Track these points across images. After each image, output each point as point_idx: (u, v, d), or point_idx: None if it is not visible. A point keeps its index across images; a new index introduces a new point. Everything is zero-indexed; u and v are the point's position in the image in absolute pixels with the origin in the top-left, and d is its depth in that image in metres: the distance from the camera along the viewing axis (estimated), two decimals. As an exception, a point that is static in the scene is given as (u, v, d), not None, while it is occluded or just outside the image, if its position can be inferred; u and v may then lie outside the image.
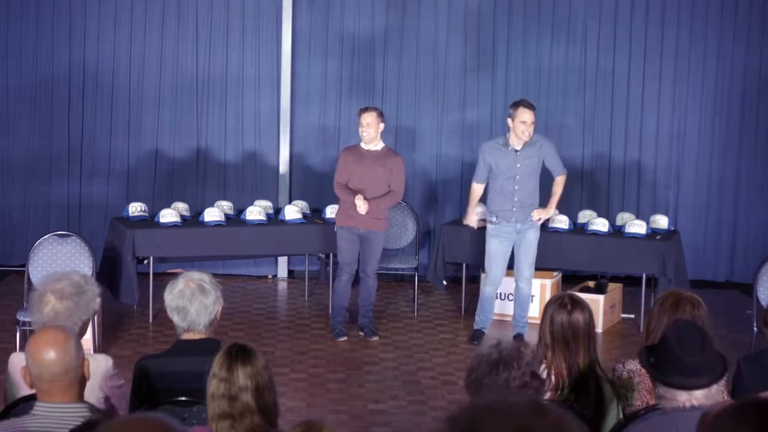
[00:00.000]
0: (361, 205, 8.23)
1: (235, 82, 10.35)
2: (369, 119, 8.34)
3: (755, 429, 2.32)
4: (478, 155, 8.54)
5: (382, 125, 8.43)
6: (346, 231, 8.42)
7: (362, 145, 8.45)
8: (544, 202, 8.52)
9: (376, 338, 8.51)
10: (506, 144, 8.27)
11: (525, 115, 8.13)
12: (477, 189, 8.46)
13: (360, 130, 8.40)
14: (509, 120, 8.26)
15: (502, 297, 9.00)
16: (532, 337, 8.17)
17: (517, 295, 8.55)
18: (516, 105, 8.26)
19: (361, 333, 8.58)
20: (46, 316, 4.13)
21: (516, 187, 8.27)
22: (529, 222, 8.35)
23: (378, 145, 8.43)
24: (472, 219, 8.69)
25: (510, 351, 3.56)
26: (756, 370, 4.59)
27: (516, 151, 8.24)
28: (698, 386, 3.53)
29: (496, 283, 8.46)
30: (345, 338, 8.50)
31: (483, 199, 8.65)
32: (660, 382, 3.58)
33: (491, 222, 8.39)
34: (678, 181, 10.47)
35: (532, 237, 8.38)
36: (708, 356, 3.58)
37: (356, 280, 8.69)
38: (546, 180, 8.56)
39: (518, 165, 8.25)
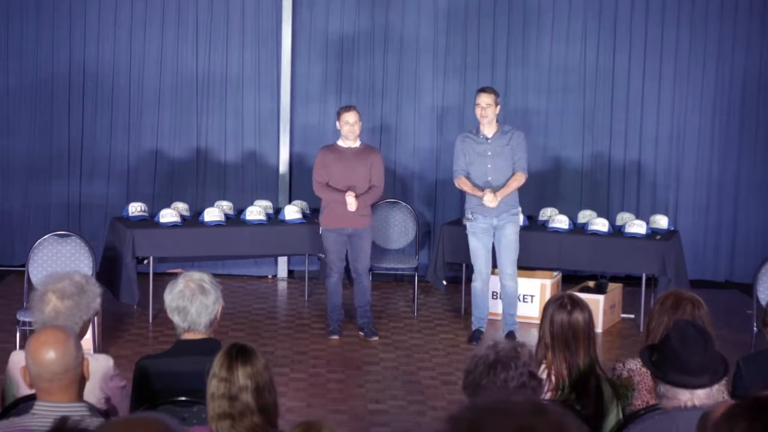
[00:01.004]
0: (352, 202, 8.23)
1: (235, 82, 10.35)
2: (354, 117, 8.38)
3: (748, 428, 2.32)
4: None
5: (361, 122, 8.47)
6: (335, 233, 8.41)
7: (341, 143, 8.47)
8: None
9: (376, 338, 8.50)
10: (477, 132, 8.36)
11: (479, 98, 8.29)
12: (463, 178, 8.34)
13: (345, 128, 8.38)
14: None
15: (495, 296, 8.93)
16: (523, 335, 8.21)
17: (503, 293, 8.50)
18: (477, 91, 8.45)
19: (361, 333, 8.57)
20: (47, 316, 4.14)
21: (489, 178, 8.27)
22: (505, 217, 8.32)
23: (357, 142, 8.46)
24: (488, 195, 8.20)
25: (507, 351, 3.56)
26: (756, 370, 4.60)
27: (487, 138, 8.30)
28: (700, 385, 3.54)
29: (482, 277, 8.41)
30: (337, 337, 8.50)
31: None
32: (662, 380, 3.59)
33: (467, 219, 8.40)
34: (678, 181, 10.47)
35: (511, 233, 8.35)
36: (709, 356, 3.58)
37: (350, 280, 8.70)
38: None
39: (489, 153, 8.28)
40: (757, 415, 2.32)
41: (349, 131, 8.38)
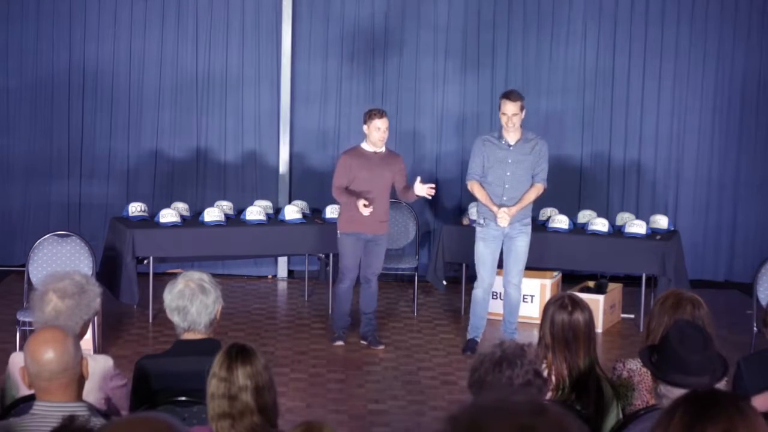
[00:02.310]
0: (366, 211, 8.01)
1: (235, 82, 10.35)
2: (386, 123, 8.13)
3: (684, 413, 2.42)
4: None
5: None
6: (353, 238, 8.19)
7: (366, 147, 8.21)
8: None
9: (381, 347, 8.33)
10: (500, 137, 8.11)
11: (505, 107, 7.99)
12: (477, 185, 8.15)
13: (375, 135, 8.10)
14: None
15: (495, 297, 8.88)
16: (523, 336, 8.19)
17: (506, 301, 8.38)
18: (501, 96, 8.15)
19: (364, 342, 8.39)
20: (48, 315, 4.14)
21: (506, 186, 8.07)
22: (517, 227, 8.16)
23: (383, 147, 8.29)
24: (501, 215, 8.06)
25: (513, 349, 3.57)
26: (756, 370, 4.59)
27: (509, 145, 8.08)
28: (700, 386, 3.54)
29: (485, 286, 8.25)
30: (341, 343, 8.37)
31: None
32: (662, 381, 3.59)
33: (479, 224, 8.25)
34: (678, 181, 10.47)
35: (522, 244, 8.18)
36: (709, 356, 3.59)
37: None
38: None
39: (509, 160, 8.06)
40: (692, 404, 2.44)
41: (380, 138, 8.12)
